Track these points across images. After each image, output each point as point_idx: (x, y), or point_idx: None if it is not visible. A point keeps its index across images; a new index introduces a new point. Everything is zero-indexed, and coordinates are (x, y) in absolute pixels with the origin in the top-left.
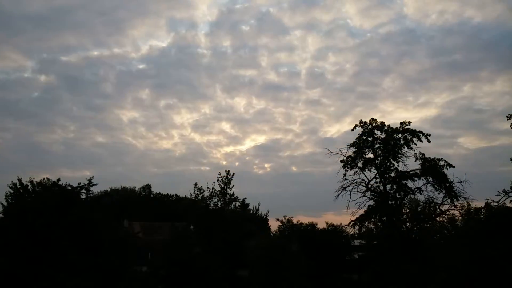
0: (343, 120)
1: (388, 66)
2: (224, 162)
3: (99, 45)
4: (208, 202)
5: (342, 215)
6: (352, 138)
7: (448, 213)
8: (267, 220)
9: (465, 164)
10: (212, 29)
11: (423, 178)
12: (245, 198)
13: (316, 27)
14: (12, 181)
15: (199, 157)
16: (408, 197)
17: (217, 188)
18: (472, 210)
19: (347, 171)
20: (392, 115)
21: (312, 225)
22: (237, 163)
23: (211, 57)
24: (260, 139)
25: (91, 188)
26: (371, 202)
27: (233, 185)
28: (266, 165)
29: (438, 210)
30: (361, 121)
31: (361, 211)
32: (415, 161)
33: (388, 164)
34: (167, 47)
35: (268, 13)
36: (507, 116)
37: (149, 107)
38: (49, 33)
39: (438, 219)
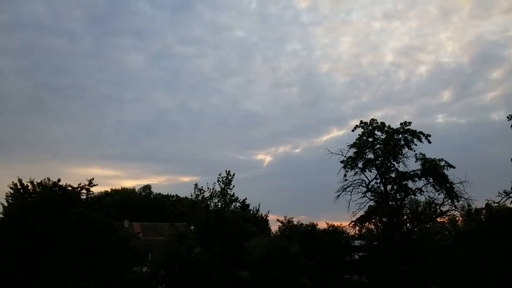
0: None
1: None
2: None
3: None
4: (209, 203)
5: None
6: (353, 138)
7: (448, 213)
8: (268, 221)
9: None
10: None
11: (423, 178)
12: (246, 199)
13: None
14: (12, 181)
15: None
16: (409, 197)
17: (218, 188)
18: (472, 211)
19: (347, 171)
20: None
21: (313, 226)
22: None
23: None
24: None
25: (91, 189)
26: (371, 203)
27: (233, 186)
28: None
29: (439, 210)
30: (361, 122)
31: (362, 212)
32: (415, 162)
33: (389, 164)
34: None
35: None
36: (507, 117)
37: None
38: None
39: (438, 219)
